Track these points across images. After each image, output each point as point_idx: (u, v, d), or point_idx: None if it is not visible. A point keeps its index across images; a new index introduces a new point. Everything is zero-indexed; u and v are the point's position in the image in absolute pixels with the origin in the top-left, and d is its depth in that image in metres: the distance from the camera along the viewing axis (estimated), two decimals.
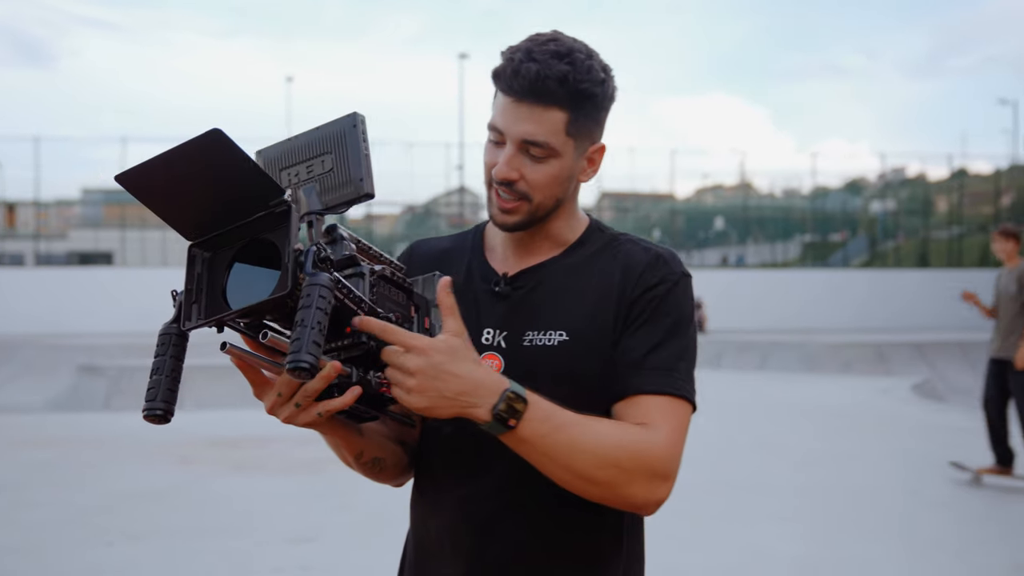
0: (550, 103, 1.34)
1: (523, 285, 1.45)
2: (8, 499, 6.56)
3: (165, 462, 7.90)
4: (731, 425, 9.94)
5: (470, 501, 1.41)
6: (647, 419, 1.34)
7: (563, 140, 1.37)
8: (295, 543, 5.43)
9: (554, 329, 1.40)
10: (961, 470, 7.19)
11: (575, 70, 1.34)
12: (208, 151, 1.05)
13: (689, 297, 1.43)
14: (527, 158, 1.37)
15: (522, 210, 1.40)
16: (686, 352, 1.40)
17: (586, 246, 1.47)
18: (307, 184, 1.24)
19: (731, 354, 18.52)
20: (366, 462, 1.40)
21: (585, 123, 1.39)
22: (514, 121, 1.36)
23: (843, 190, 36.29)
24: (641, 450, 1.30)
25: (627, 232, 1.51)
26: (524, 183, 1.38)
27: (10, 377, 15.47)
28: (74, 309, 22.75)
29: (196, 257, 1.15)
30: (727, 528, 5.78)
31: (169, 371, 1.14)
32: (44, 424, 10.61)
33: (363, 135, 1.23)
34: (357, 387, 1.18)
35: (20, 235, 33.25)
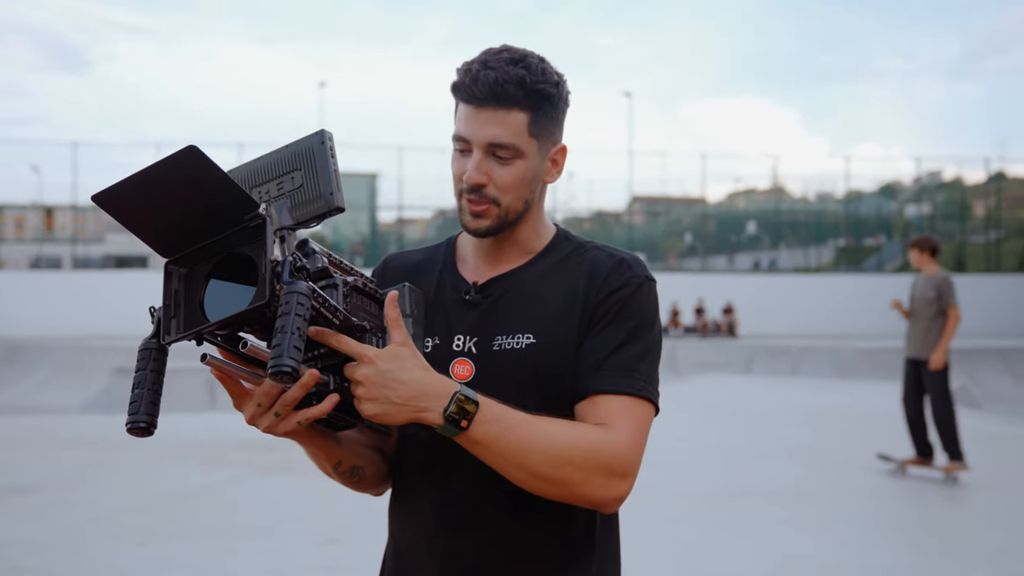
0: (511, 105, 1.40)
1: (492, 293, 1.49)
2: (45, 498, 6.67)
3: (197, 463, 7.99)
4: (762, 431, 9.86)
5: (442, 506, 1.45)
6: (607, 419, 1.36)
7: (526, 140, 1.42)
8: (324, 544, 5.47)
9: (522, 332, 1.44)
10: (887, 461, 7.69)
11: (530, 72, 1.41)
12: (184, 167, 1.07)
13: (652, 301, 1.46)
14: (494, 161, 1.42)
15: (491, 214, 1.44)
16: (647, 354, 1.42)
17: (553, 254, 1.51)
18: (278, 200, 1.27)
19: (762, 359, 18.39)
20: (344, 471, 1.44)
21: (545, 123, 1.44)
22: (478, 127, 1.41)
23: (878, 194, 35.87)
24: (597, 449, 1.32)
25: (593, 240, 1.55)
26: (493, 187, 1.43)
27: (48, 379, 15.73)
28: (110, 312, 23.08)
29: (172, 273, 1.19)
30: (757, 536, 5.74)
31: (150, 385, 1.17)
32: (80, 425, 10.77)
33: (331, 151, 1.26)
34: (335, 395, 1.22)
35: (58, 239, 33.80)
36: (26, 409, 13.01)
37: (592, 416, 1.38)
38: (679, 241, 35.55)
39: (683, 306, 25.39)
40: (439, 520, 1.45)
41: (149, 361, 1.18)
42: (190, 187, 1.10)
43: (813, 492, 6.99)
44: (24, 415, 12.08)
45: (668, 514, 6.17)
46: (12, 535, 5.61)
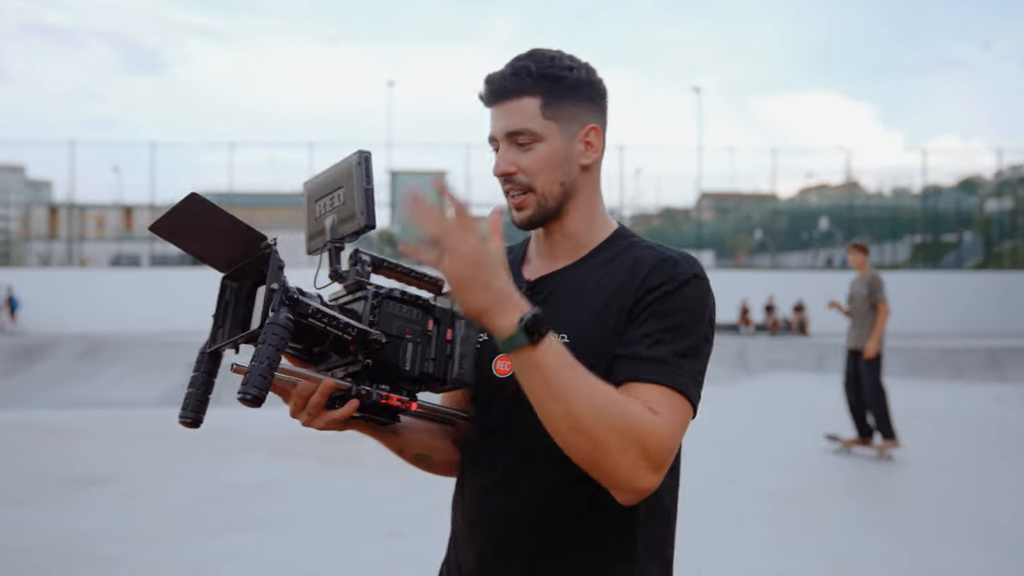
0: (520, 94, 1.45)
1: (541, 291, 1.50)
2: (123, 490, 6.89)
3: (268, 456, 8.17)
4: (831, 429, 9.68)
5: (482, 490, 1.49)
6: (648, 403, 1.31)
7: (542, 123, 1.45)
8: (389, 537, 5.55)
9: (558, 331, 1.40)
10: (833, 441, 8.49)
11: (536, 61, 1.46)
12: (193, 210, 1.22)
13: (699, 300, 1.40)
14: (517, 150, 1.47)
15: (530, 202, 1.47)
16: (691, 353, 1.37)
17: (604, 252, 1.50)
18: (329, 215, 1.40)
19: (834, 358, 18.01)
20: (409, 458, 1.55)
21: (561, 105, 1.46)
22: (498, 121, 1.48)
23: (956, 188, 34.85)
24: (640, 422, 1.28)
25: (651, 240, 1.52)
26: (521, 173, 1.46)
27: (127, 373, 16.24)
28: (186, 308, 23.68)
29: (226, 287, 1.34)
30: (824, 535, 5.65)
31: (200, 385, 1.31)
32: (157, 418, 11.10)
33: (365, 171, 1.36)
34: (354, 400, 1.34)
35: (137, 237, 34.85)
36: (107, 403, 13.46)
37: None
38: (749, 238, 35.05)
39: (753, 304, 25.03)
40: (476, 504, 1.49)
41: (202, 364, 1.32)
42: (208, 224, 1.24)
43: (883, 492, 6.84)
44: (105, 408, 12.49)
45: (736, 512, 6.10)
46: (94, 524, 5.81)
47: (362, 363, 1.33)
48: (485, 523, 1.48)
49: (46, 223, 35.04)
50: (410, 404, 1.38)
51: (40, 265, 31.58)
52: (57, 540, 5.45)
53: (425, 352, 1.38)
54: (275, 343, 1.22)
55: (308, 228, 1.43)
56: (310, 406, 1.32)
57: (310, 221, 1.43)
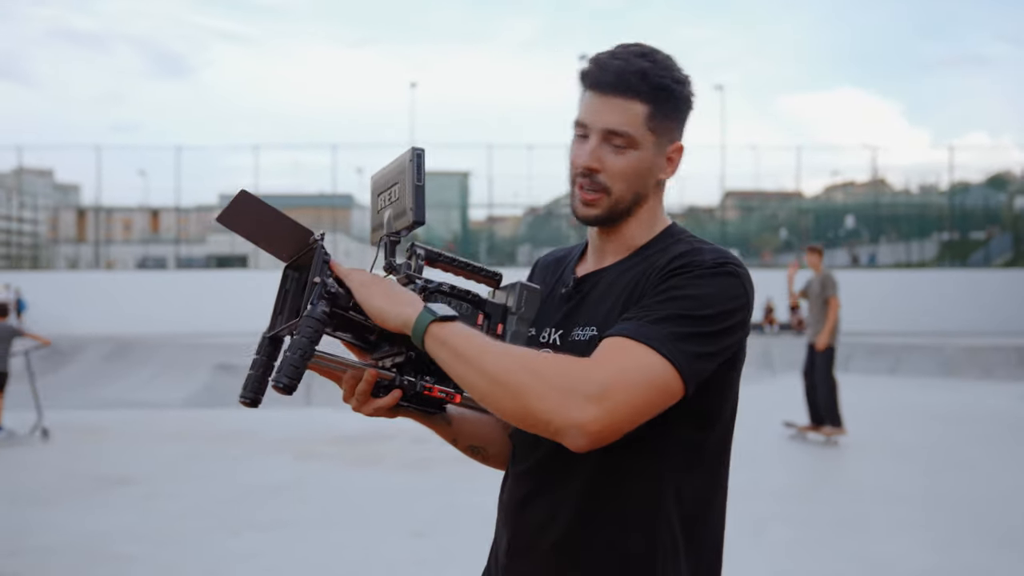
0: (632, 96, 1.42)
1: (584, 287, 1.51)
2: (146, 489, 6.94)
3: (291, 457, 8.20)
4: (860, 430, 9.57)
5: (519, 476, 1.51)
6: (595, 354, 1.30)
7: (643, 132, 1.43)
8: (410, 537, 5.55)
9: (590, 325, 1.45)
10: (790, 427, 9.30)
11: (655, 66, 1.43)
12: (245, 207, 1.30)
13: (714, 286, 1.34)
14: (609, 148, 1.44)
15: (601, 203, 1.46)
16: (681, 320, 1.31)
17: (647, 250, 1.49)
18: (387, 209, 1.45)
19: (860, 357, 17.87)
20: (464, 448, 1.58)
21: (664, 119, 1.44)
22: (598, 113, 1.44)
23: (985, 185, 34.40)
24: (566, 366, 1.26)
25: (700, 238, 1.48)
26: (605, 174, 1.44)
27: (153, 375, 16.38)
28: (211, 310, 23.89)
29: (287, 276, 1.40)
30: (849, 536, 5.58)
31: (260, 367, 1.37)
32: (182, 420, 11.18)
33: (417, 168, 1.40)
34: (397, 390, 1.39)
35: (163, 240, 35.17)
36: (132, 404, 13.58)
37: None
38: (774, 236, 34.80)
39: (778, 303, 24.84)
40: (511, 495, 1.51)
41: (263, 348, 1.38)
42: (261, 218, 1.32)
43: (906, 494, 6.75)
44: (130, 409, 12.60)
45: (758, 513, 6.04)
46: (115, 524, 5.85)
47: (405, 354, 1.38)
48: (519, 507, 1.49)
49: (74, 226, 35.45)
50: (454, 396, 1.40)
51: (68, 268, 31.94)
52: (79, 540, 5.49)
53: None
54: (308, 335, 1.28)
55: (372, 220, 1.50)
56: (357, 393, 1.37)
57: (373, 214, 1.50)
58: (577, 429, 1.23)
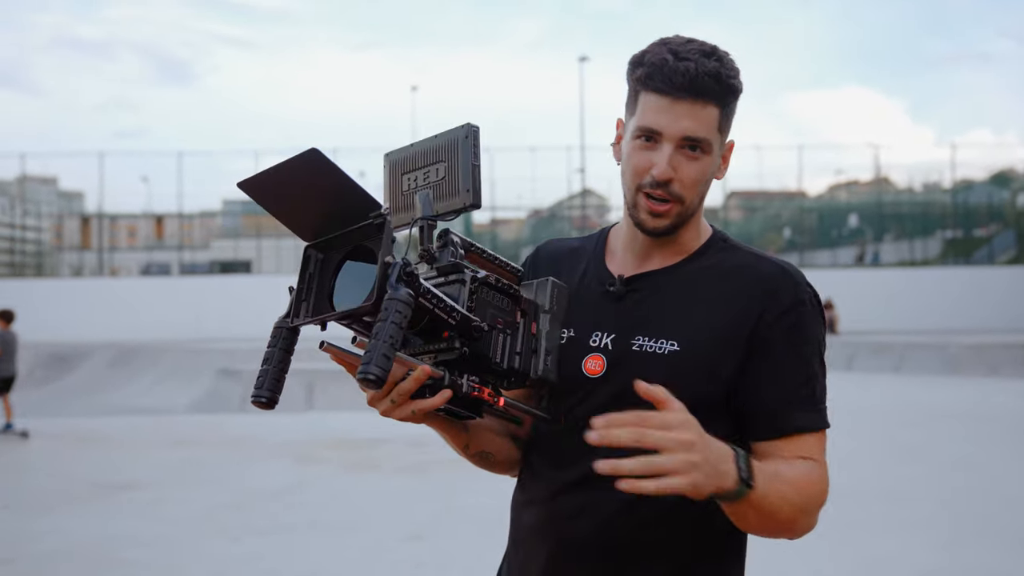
0: (707, 99, 1.35)
1: (638, 289, 1.43)
2: (150, 495, 6.95)
3: (292, 461, 8.20)
4: (862, 429, 9.56)
5: (560, 490, 1.42)
6: (809, 455, 1.37)
7: (716, 136, 1.38)
8: (409, 540, 5.54)
9: (665, 337, 1.38)
10: None
11: (724, 66, 1.37)
12: (308, 169, 1.12)
13: (821, 318, 1.43)
14: (683, 157, 1.37)
15: (673, 212, 1.39)
16: (820, 377, 1.41)
17: (707, 256, 1.44)
18: (422, 190, 1.29)
19: (864, 356, 17.84)
20: (473, 454, 1.46)
21: (729, 119, 1.41)
22: (674, 119, 1.35)
23: (988, 182, 34.32)
24: (820, 489, 1.36)
25: (748, 244, 1.49)
26: (679, 183, 1.38)
27: (156, 381, 16.41)
28: (215, 315, 23.92)
29: (311, 258, 1.23)
30: (851, 536, 5.56)
31: (277, 362, 1.21)
32: (185, 425, 11.20)
33: (474, 147, 1.27)
34: (447, 390, 1.23)
35: (167, 246, 35.22)
36: (137, 410, 13.60)
37: (791, 451, 1.36)
38: (777, 236, 34.76)
39: None
40: (551, 506, 1.43)
41: (280, 340, 1.22)
42: (317, 184, 1.14)
43: (910, 493, 6.74)
44: (134, 415, 12.62)
45: None
46: (118, 529, 5.86)
47: (459, 351, 1.23)
48: (561, 523, 1.41)
49: (78, 233, 35.52)
50: (498, 399, 1.30)
51: (72, 275, 32.02)
52: (82, 546, 5.49)
53: (514, 344, 1.30)
54: (398, 320, 1.11)
55: (391, 201, 1.35)
56: (397, 393, 1.21)
57: (394, 195, 1.35)
58: (806, 533, 1.37)
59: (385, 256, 1.14)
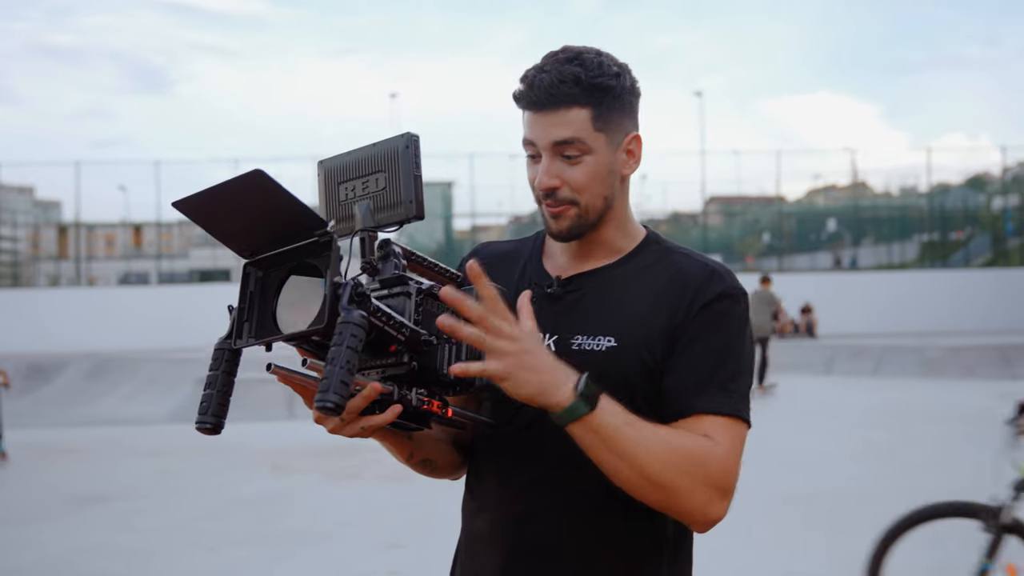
0: (570, 104, 1.39)
1: (575, 289, 1.47)
2: (125, 506, 6.89)
3: (269, 470, 8.16)
4: (841, 432, 9.63)
5: (509, 499, 1.44)
6: (707, 434, 1.35)
7: (592, 135, 1.40)
8: (388, 549, 5.53)
9: (603, 334, 1.41)
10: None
11: (585, 68, 1.40)
12: (250, 189, 1.10)
13: (746, 316, 1.45)
14: (563, 162, 1.41)
15: (570, 214, 1.42)
16: (742, 371, 1.41)
17: (640, 257, 1.48)
18: (362, 200, 1.27)
19: (843, 359, 17.95)
20: (416, 462, 1.47)
21: (609, 115, 1.42)
22: (543, 130, 1.40)
23: (964, 186, 34.67)
24: (706, 459, 1.32)
25: (682, 245, 1.52)
26: (567, 188, 1.41)
27: (136, 390, 16.28)
28: (194, 325, 23.74)
29: (250, 275, 1.20)
30: (831, 537, 5.60)
31: (221, 385, 1.19)
32: (163, 435, 11.11)
33: (415, 156, 1.25)
34: (398, 406, 1.22)
35: (145, 255, 34.99)
36: (115, 421, 13.48)
37: (689, 428, 1.36)
38: (756, 241, 34.97)
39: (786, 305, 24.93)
40: (503, 512, 1.45)
41: (222, 362, 1.19)
42: (260, 203, 1.12)
43: (891, 494, 6.78)
44: (112, 426, 12.51)
45: (744, 515, 6.04)
46: (92, 541, 5.81)
47: (408, 365, 1.23)
48: (511, 529, 1.44)
49: (55, 243, 35.24)
50: (447, 410, 1.30)
51: (49, 285, 31.75)
52: (55, 559, 5.45)
53: (459, 353, 1.28)
54: (353, 344, 1.09)
55: (329, 212, 1.31)
56: (347, 411, 1.20)
57: (331, 204, 1.32)
58: (711, 523, 1.35)
59: (334, 276, 1.12)
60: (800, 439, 9.35)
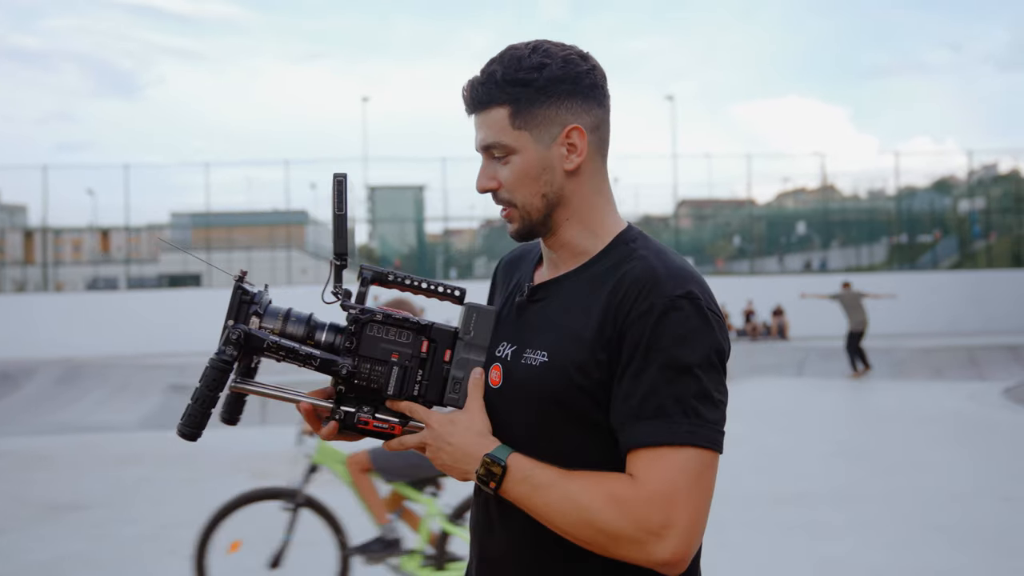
0: (488, 104, 1.38)
1: (537, 299, 1.44)
2: (100, 515, 6.82)
3: (246, 477, 8.10)
4: (812, 433, 9.72)
5: (477, 508, 1.48)
6: (636, 473, 1.27)
7: (513, 134, 1.37)
8: None
9: (540, 349, 1.37)
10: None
11: (502, 66, 1.37)
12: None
13: (695, 323, 1.29)
14: (496, 164, 1.40)
15: (515, 216, 1.41)
16: (687, 388, 1.27)
17: (603, 261, 1.40)
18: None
19: (815, 361, 18.13)
20: None
21: (532, 111, 1.36)
22: (476, 132, 1.42)
23: (931, 189, 35.13)
24: (620, 506, 1.25)
25: (655, 244, 1.41)
26: (504, 189, 1.40)
27: (106, 397, 16.11)
28: (164, 330, 23.53)
29: (237, 289, 1.38)
30: (806, 539, 5.66)
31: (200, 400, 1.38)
32: (136, 442, 11.00)
33: (338, 196, 1.35)
34: (333, 422, 1.39)
35: (114, 260, 34.59)
36: (85, 427, 13.32)
37: (632, 468, 1.29)
38: (727, 244, 35.22)
39: (732, 310, 25.14)
40: (476, 523, 1.49)
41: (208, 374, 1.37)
42: None
43: (863, 494, 6.87)
44: (83, 433, 12.36)
45: (718, 518, 6.09)
46: (67, 551, 5.75)
47: (337, 389, 1.38)
48: (481, 538, 1.48)
49: (21, 248, 34.74)
50: (395, 427, 1.39)
51: (15, 291, 31.29)
52: (31, 569, 5.38)
53: (415, 375, 1.37)
54: (207, 384, 1.30)
55: None
56: (305, 425, 1.45)
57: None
58: (664, 566, 1.27)
59: (227, 318, 1.33)
60: (773, 440, 9.43)
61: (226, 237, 31.18)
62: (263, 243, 31.61)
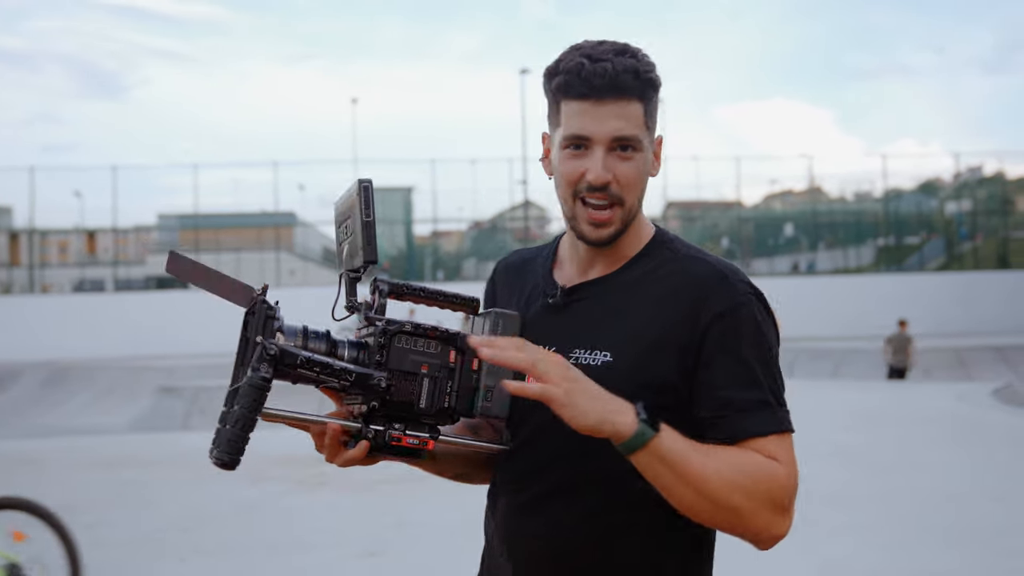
0: (630, 96, 1.34)
1: (578, 299, 1.42)
2: (89, 518, 6.74)
3: (237, 480, 8.04)
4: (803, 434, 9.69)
5: (516, 509, 1.44)
6: (771, 455, 1.34)
7: (644, 132, 1.36)
8: (363, 557, 5.48)
9: (600, 349, 1.36)
10: None
11: (640, 62, 1.35)
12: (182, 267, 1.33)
13: (763, 317, 1.37)
14: (616, 158, 1.35)
15: (616, 217, 1.37)
16: (775, 378, 1.36)
17: (645, 260, 1.41)
18: (345, 243, 1.39)
19: (803, 362, 18.19)
20: (450, 476, 1.54)
21: (653, 114, 1.38)
22: (600, 122, 1.33)
23: (917, 191, 35.35)
24: (771, 480, 1.30)
25: (691, 244, 1.45)
26: (617, 184, 1.35)
27: (94, 399, 16.02)
28: (153, 332, 23.41)
29: (248, 323, 1.29)
30: (799, 540, 5.65)
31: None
32: (125, 444, 10.93)
33: (365, 203, 1.31)
34: (364, 441, 1.31)
35: (100, 262, 34.41)
36: (72, 430, 13.24)
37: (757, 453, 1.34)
38: (715, 246, 35.33)
39: None
40: (510, 523, 1.44)
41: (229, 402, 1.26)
42: (203, 274, 1.32)
43: (854, 496, 6.87)
44: (70, 436, 12.28)
45: None
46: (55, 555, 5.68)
47: (369, 406, 1.30)
48: (519, 543, 1.43)
49: (7, 250, 34.51)
50: (427, 443, 1.32)
51: (1, 293, 31.08)
52: None
53: (444, 386, 1.32)
54: (248, 405, 1.19)
55: (336, 254, 1.43)
56: (326, 445, 1.31)
57: (336, 247, 1.42)
58: (775, 539, 1.34)
59: (255, 335, 1.24)
60: None
61: (214, 239, 31.06)
62: (251, 245, 31.50)
